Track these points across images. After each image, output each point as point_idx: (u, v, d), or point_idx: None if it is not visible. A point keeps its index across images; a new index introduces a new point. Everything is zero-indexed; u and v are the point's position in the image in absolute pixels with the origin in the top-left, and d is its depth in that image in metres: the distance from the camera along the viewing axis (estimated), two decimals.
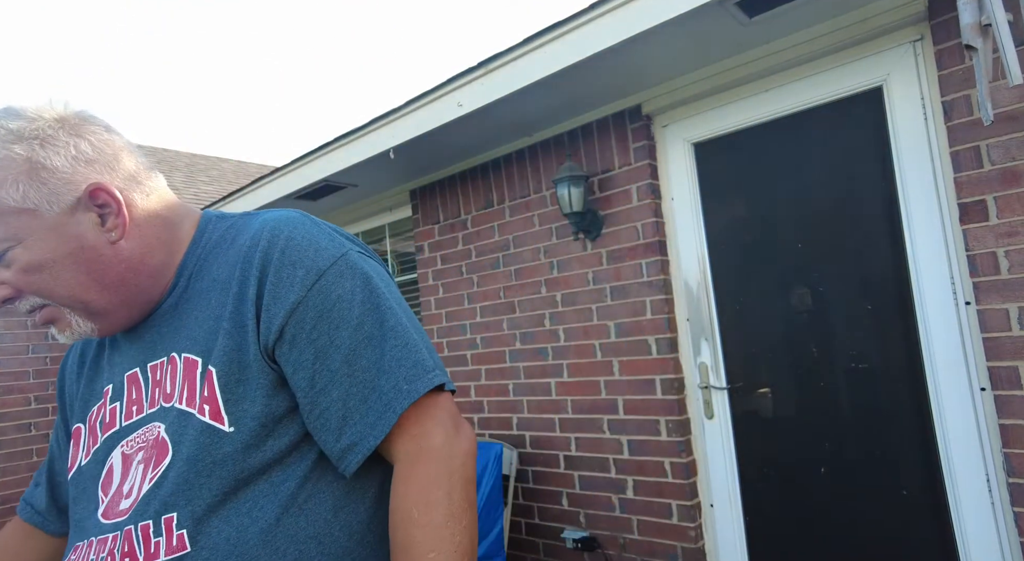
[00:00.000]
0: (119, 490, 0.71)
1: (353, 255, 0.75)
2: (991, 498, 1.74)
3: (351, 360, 0.70)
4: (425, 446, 0.69)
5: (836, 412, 2.06)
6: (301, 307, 0.69)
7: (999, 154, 1.65)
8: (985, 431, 1.75)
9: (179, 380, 0.71)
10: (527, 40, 2.16)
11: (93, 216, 0.70)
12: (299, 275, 0.70)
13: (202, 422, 0.68)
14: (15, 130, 0.67)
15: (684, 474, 2.27)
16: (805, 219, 2.13)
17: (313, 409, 0.70)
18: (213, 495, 0.66)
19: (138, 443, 0.72)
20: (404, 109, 2.58)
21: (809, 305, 2.12)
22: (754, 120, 2.20)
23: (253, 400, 0.68)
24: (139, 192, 0.74)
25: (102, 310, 0.72)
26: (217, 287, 0.74)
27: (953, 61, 1.73)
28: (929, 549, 1.87)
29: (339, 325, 0.70)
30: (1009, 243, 1.64)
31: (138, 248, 0.73)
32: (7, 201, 0.66)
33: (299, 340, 0.69)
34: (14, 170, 0.66)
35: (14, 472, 3.56)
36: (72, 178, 0.69)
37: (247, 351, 0.69)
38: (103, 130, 0.74)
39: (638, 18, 1.88)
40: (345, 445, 0.69)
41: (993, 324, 1.65)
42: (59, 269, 0.69)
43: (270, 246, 0.71)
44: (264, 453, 0.68)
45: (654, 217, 2.37)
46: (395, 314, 0.73)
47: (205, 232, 0.80)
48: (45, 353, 3.72)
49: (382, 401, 0.70)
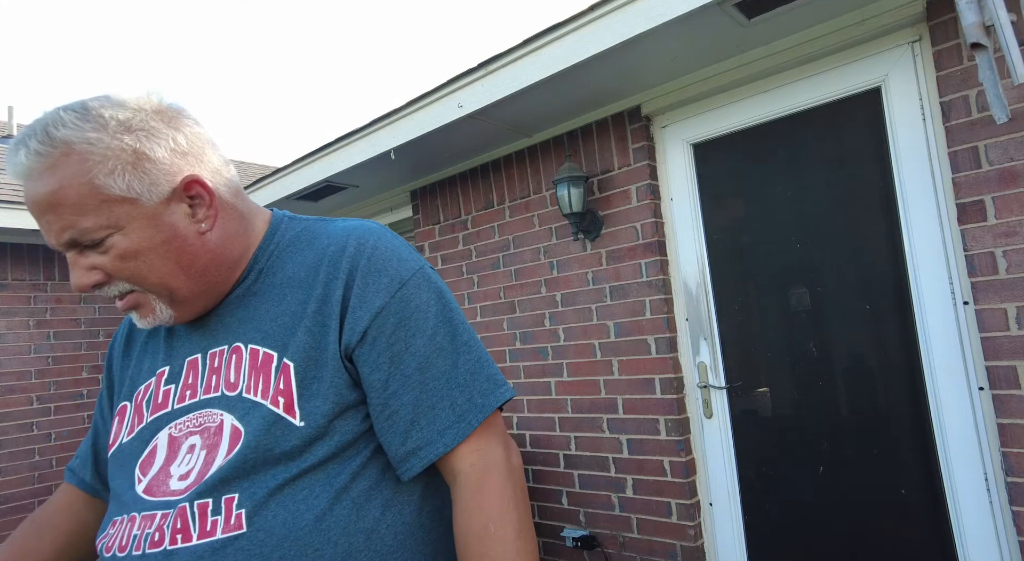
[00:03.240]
0: (165, 470, 0.72)
1: (428, 269, 0.80)
2: (989, 497, 1.74)
3: (424, 367, 0.73)
4: (491, 460, 0.73)
5: (835, 411, 2.06)
6: (384, 312, 0.73)
7: (997, 154, 1.66)
8: (983, 430, 1.75)
9: (245, 370, 0.73)
10: (527, 41, 2.17)
11: (185, 207, 0.73)
12: (384, 282, 0.74)
13: (274, 413, 0.70)
14: (124, 121, 0.69)
15: (683, 473, 2.28)
16: (804, 219, 2.13)
17: (384, 410, 0.73)
18: (276, 480, 0.68)
19: (190, 427, 0.74)
20: (405, 110, 2.59)
21: (808, 305, 2.12)
22: (753, 121, 2.21)
23: (325, 397, 0.71)
24: (223, 185, 0.77)
25: (184, 298, 0.75)
26: (295, 285, 0.77)
27: (952, 62, 1.74)
28: (928, 548, 1.87)
29: (415, 333, 0.74)
30: (1007, 243, 1.64)
31: (221, 240, 0.76)
32: (113, 189, 0.67)
33: (378, 343, 0.72)
34: (122, 160, 0.68)
35: (16, 472, 3.56)
36: (170, 169, 0.71)
37: (326, 350, 0.72)
38: (194, 123, 0.76)
39: (638, 19, 1.88)
40: (410, 448, 0.72)
41: (991, 324, 1.66)
42: (152, 257, 0.71)
43: (357, 253, 0.75)
44: (326, 447, 0.71)
45: (653, 217, 2.38)
46: (467, 329, 0.78)
47: (278, 230, 0.83)
48: (47, 353, 3.74)
49: (455, 412, 0.73)
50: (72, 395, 3.82)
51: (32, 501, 3.61)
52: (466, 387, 0.74)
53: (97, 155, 0.67)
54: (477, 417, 0.73)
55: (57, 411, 3.75)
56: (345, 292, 0.73)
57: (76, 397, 3.83)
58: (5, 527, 3.48)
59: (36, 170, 0.66)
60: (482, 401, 0.74)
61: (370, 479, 0.73)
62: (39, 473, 3.65)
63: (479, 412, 0.74)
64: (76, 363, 3.85)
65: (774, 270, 2.20)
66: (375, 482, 0.74)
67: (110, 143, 0.67)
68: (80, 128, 0.67)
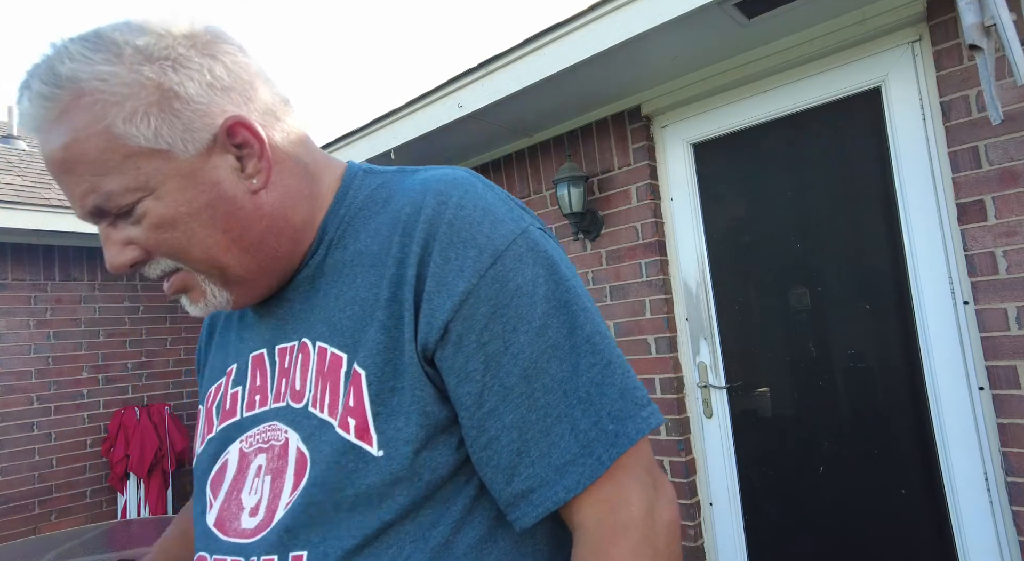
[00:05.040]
0: (235, 498, 0.58)
1: (534, 232, 0.58)
2: (989, 497, 1.74)
3: (531, 376, 0.53)
4: (623, 518, 0.52)
5: (835, 411, 2.06)
6: (472, 298, 0.53)
7: (997, 154, 1.66)
8: (983, 430, 1.75)
9: (312, 376, 0.57)
10: (527, 41, 2.17)
11: (231, 159, 0.56)
12: (471, 256, 0.53)
13: (344, 440, 0.53)
14: (143, 48, 0.52)
15: (683, 473, 2.28)
16: (804, 219, 2.13)
17: (480, 435, 0.53)
18: (352, 537, 0.52)
19: (258, 442, 0.59)
20: (405, 110, 2.59)
21: (808, 305, 2.12)
22: (753, 121, 2.21)
23: (408, 417, 0.53)
24: (278, 130, 0.59)
25: (239, 277, 0.58)
26: (365, 262, 0.58)
27: (952, 61, 1.73)
28: (927, 548, 1.88)
29: (516, 326, 0.53)
30: (1007, 243, 1.64)
31: (279, 201, 0.58)
32: (137, 139, 0.51)
33: (466, 342, 0.53)
34: (144, 99, 0.52)
35: (16, 472, 3.56)
36: (208, 109, 0.54)
37: (402, 351, 0.54)
38: (238, 50, 0.59)
39: (637, 19, 1.88)
40: (519, 490, 0.53)
41: (991, 324, 1.66)
42: (194, 225, 0.54)
43: (436, 215, 0.55)
44: (415, 487, 0.53)
45: (653, 217, 2.38)
46: (591, 317, 0.56)
47: (350, 189, 0.63)
48: (47, 353, 3.74)
49: (577, 439, 0.52)
50: (72, 395, 3.82)
51: (32, 501, 3.61)
52: (591, 405, 0.53)
53: (112, 95, 0.51)
54: (608, 452, 0.52)
55: (57, 411, 3.75)
56: (419, 270, 0.54)
57: (76, 397, 3.83)
58: (4, 527, 3.48)
59: (44, 120, 0.52)
60: (615, 428, 0.53)
61: (479, 530, 0.55)
62: (39, 473, 3.65)
63: (610, 444, 0.52)
64: (76, 363, 3.85)
65: (774, 270, 2.20)
66: (486, 534, 0.55)
67: (126, 78, 0.51)
68: (90, 61, 0.51)
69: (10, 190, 3.58)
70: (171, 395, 4.21)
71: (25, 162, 4.41)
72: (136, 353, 4.09)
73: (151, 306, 4.18)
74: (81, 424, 3.84)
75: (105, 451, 3.86)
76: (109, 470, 3.86)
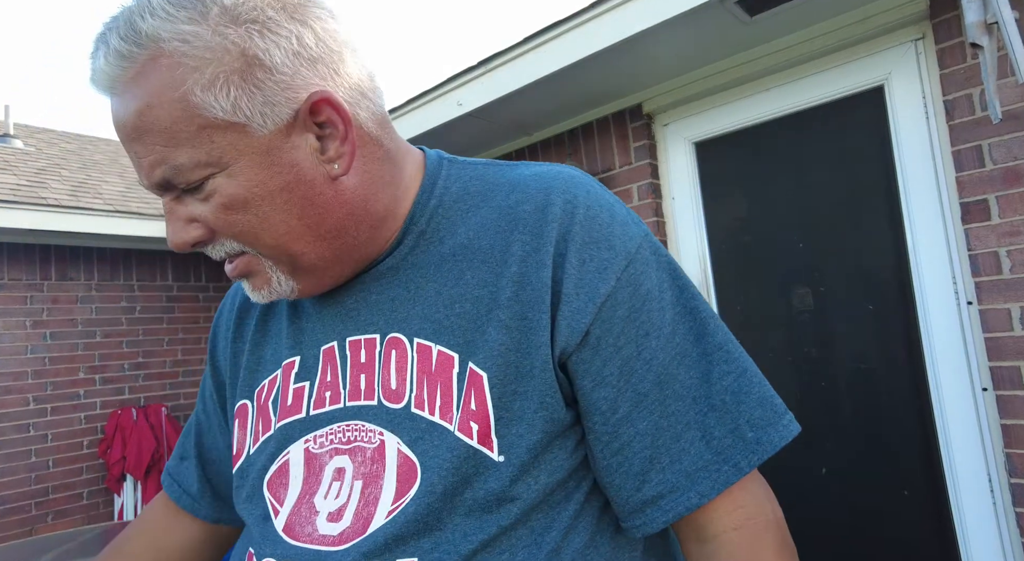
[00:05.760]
0: (307, 501, 0.54)
1: (652, 236, 0.58)
2: (993, 498, 1.73)
3: (663, 382, 0.52)
4: (762, 523, 0.52)
5: (837, 412, 2.05)
6: (610, 301, 0.51)
7: (1001, 153, 1.65)
8: (987, 431, 1.74)
9: (413, 374, 0.54)
10: (527, 39, 2.15)
11: (312, 139, 0.51)
12: (607, 258, 0.52)
13: (465, 445, 0.50)
14: (230, 7, 0.48)
15: None
16: (806, 219, 2.12)
17: (612, 441, 0.52)
18: (468, 544, 0.49)
19: (335, 442, 0.55)
20: (404, 108, 2.58)
21: (810, 305, 2.11)
22: (755, 119, 2.20)
23: (532, 424, 0.51)
24: (365, 109, 0.54)
25: (311, 266, 0.54)
26: (474, 258, 0.55)
27: (955, 60, 1.72)
28: (930, 549, 1.87)
29: (648, 331, 0.52)
30: (1011, 243, 1.63)
31: (362, 188, 0.54)
32: (214, 110, 0.47)
33: (604, 346, 0.52)
34: (227, 65, 0.47)
35: (13, 473, 3.54)
36: (292, 82, 0.49)
37: (532, 355, 0.51)
38: (329, 16, 0.53)
39: (639, 17, 1.87)
40: (648, 496, 0.52)
41: (995, 324, 1.65)
42: (268, 208, 0.50)
43: (568, 215, 0.53)
44: (531, 493, 0.51)
45: (655, 216, 2.37)
46: (719, 325, 0.56)
47: (438, 178, 0.60)
48: (43, 353, 3.72)
49: (711, 447, 0.52)
50: (69, 396, 3.80)
51: (29, 502, 3.59)
52: (727, 413, 0.52)
53: (193, 58, 0.46)
54: (748, 459, 0.51)
55: (54, 412, 3.73)
56: (555, 273, 0.52)
57: (73, 398, 3.81)
58: (1, 529, 3.46)
59: (118, 80, 0.48)
60: (755, 436, 0.52)
61: (584, 536, 0.53)
62: (35, 474, 3.63)
63: (751, 451, 0.51)
64: (73, 364, 3.83)
65: (776, 270, 2.19)
66: (589, 540, 0.53)
67: (210, 40, 0.47)
68: (173, 18, 0.47)
69: (6, 189, 3.56)
70: (168, 396, 4.19)
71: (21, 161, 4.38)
72: (133, 354, 4.07)
73: (148, 306, 4.16)
74: (78, 425, 3.82)
75: (102, 452, 3.84)
76: (106, 471, 3.84)
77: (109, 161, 5.27)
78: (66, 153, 5.15)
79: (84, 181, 4.33)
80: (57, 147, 5.29)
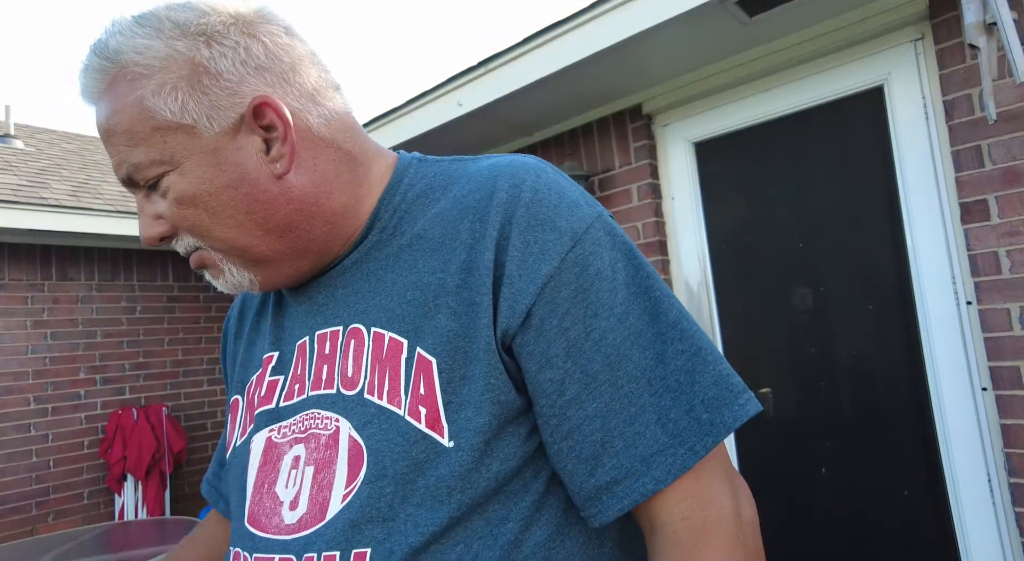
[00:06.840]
0: (270, 492, 0.56)
1: (609, 219, 0.57)
2: (992, 498, 1.73)
3: (615, 363, 0.51)
4: (713, 515, 0.50)
5: (837, 412, 2.06)
6: (553, 282, 0.51)
7: (1000, 153, 1.65)
8: (986, 431, 1.74)
9: (367, 362, 0.55)
10: (527, 39, 2.16)
11: (257, 140, 0.55)
12: (551, 239, 0.52)
13: (414, 429, 0.51)
14: (181, 23, 0.54)
15: None
16: (806, 219, 2.13)
17: (561, 424, 0.52)
18: (420, 533, 0.50)
19: (295, 431, 0.57)
20: (404, 109, 2.58)
21: (810, 305, 2.11)
22: (755, 119, 2.20)
23: (479, 407, 0.51)
24: (316, 115, 0.58)
25: (263, 257, 0.57)
26: (426, 248, 0.57)
27: (954, 60, 1.73)
28: (930, 549, 1.87)
29: (598, 312, 0.52)
30: (1011, 243, 1.63)
31: (311, 185, 0.57)
32: (164, 113, 0.52)
33: (548, 327, 0.51)
34: (175, 73, 0.52)
35: (14, 473, 3.55)
36: (238, 88, 0.54)
37: (476, 338, 0.52)
38: (283, 32, 0.58)
39: (638, 17, 1.87)
40: (601, 482, 0.51)
41: (994, 324, 1.65)
42: (215, 204, 0.54)
43: (511, 199, 0.54)
44: (483, 480, 0.51)
45: (655, 217, 2.37)
46: (674, 303, 0.55)
47: (405, 177, 0.63)
48: (44, 353, 3.72)
49: (666, 429, 0.50)
50: (70, 396, 3.80)
51: (30, 502, 3.59)
52: (682, 393, 0.51)
53: (145, 68, 0.52)
54: (703, 441, 0.50)
55: (55, 412, 3.73)
56: (497, 255, 0.52)
57: (74, 398, 3.82)
58: (2, 529, 3.47)
59: (94, 91, 0.55)
60: (709, 417, 0.50)
61: (547, 528, 0.53)
62: (36, 474, 3.63)
63: (705, 433, 0.50)
64: (74, 364, 3.83)
65: (776, 270, 2.19)
66: (555, 532, 0.53)
67: (160, 51, 0.53)
68: (134, 35, 0.53)
69: (7, 189, 3.56)
70: (169, 396, 4.19)
71: (22, 161, 4.39)
72: (134, 354, 4.08)
73: (149, 307, 4.17)
74: (78, 425, 3.82)
75: (102, 452, 3.84)
76: (106, 471, 3.85)
77: (109, 161, 5.27)
78: (67, 153, 5.15)
79: (85, 181, 4.33)
80: (58, 147, 5.29)
